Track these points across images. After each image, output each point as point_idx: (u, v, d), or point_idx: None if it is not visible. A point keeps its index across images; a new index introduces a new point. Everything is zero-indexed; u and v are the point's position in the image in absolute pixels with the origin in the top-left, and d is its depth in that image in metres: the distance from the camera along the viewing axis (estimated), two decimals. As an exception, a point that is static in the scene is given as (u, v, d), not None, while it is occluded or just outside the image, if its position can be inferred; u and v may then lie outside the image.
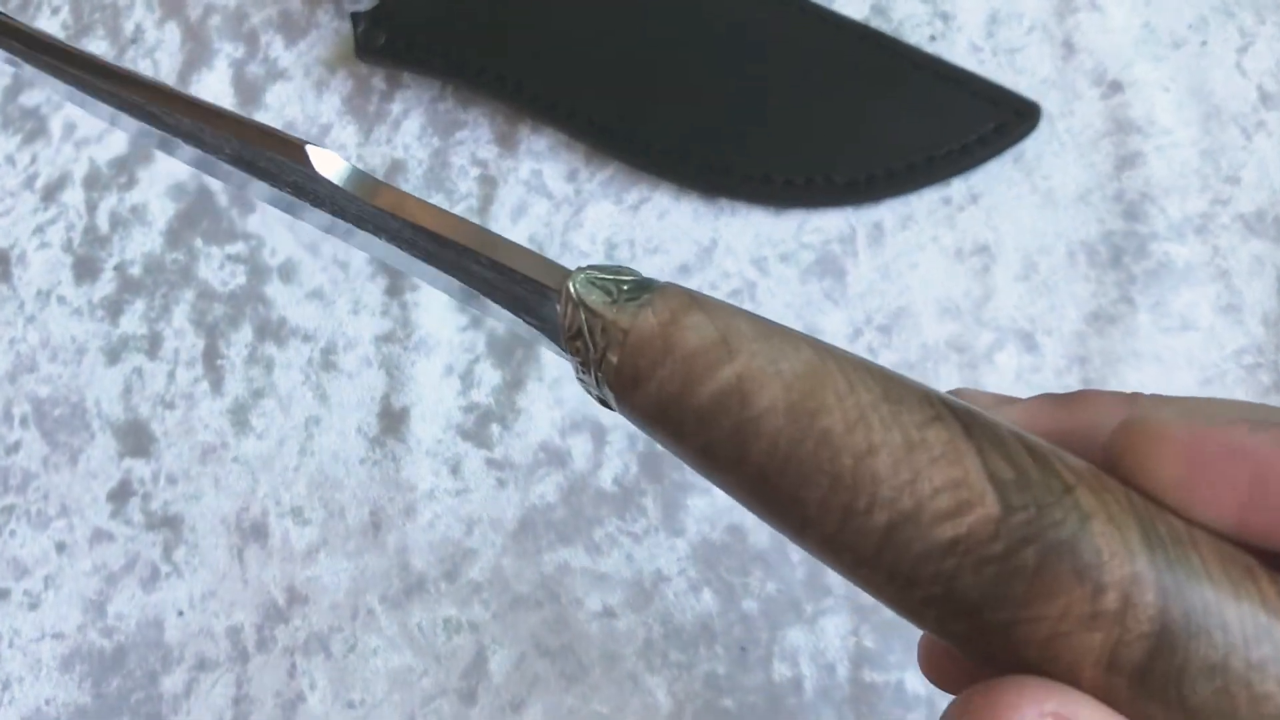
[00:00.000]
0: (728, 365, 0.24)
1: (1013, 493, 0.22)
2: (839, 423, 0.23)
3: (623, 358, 0.25)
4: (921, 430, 0.23)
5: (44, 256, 0.53)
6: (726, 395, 0.24)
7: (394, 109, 0.52)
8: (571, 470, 0.47)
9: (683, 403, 0.25)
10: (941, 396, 0.24)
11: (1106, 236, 0.46)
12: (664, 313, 0.25)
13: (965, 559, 0.22)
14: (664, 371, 0.25)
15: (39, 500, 0.50)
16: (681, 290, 0.26)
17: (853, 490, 0.23)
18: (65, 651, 0.49)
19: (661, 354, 0.25)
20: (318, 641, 0.47)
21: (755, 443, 0.24)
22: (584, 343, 0.26)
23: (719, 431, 0.24)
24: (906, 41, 0.48)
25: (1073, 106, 0.47)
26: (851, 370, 0.24)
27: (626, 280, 0.27)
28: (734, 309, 0.25)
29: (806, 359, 0.24)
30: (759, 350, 0.24)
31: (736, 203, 0.48)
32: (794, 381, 0.24)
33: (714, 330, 0.25)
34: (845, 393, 0.23)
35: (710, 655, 0.44)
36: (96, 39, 0.55)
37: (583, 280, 0.27)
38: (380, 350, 0.49)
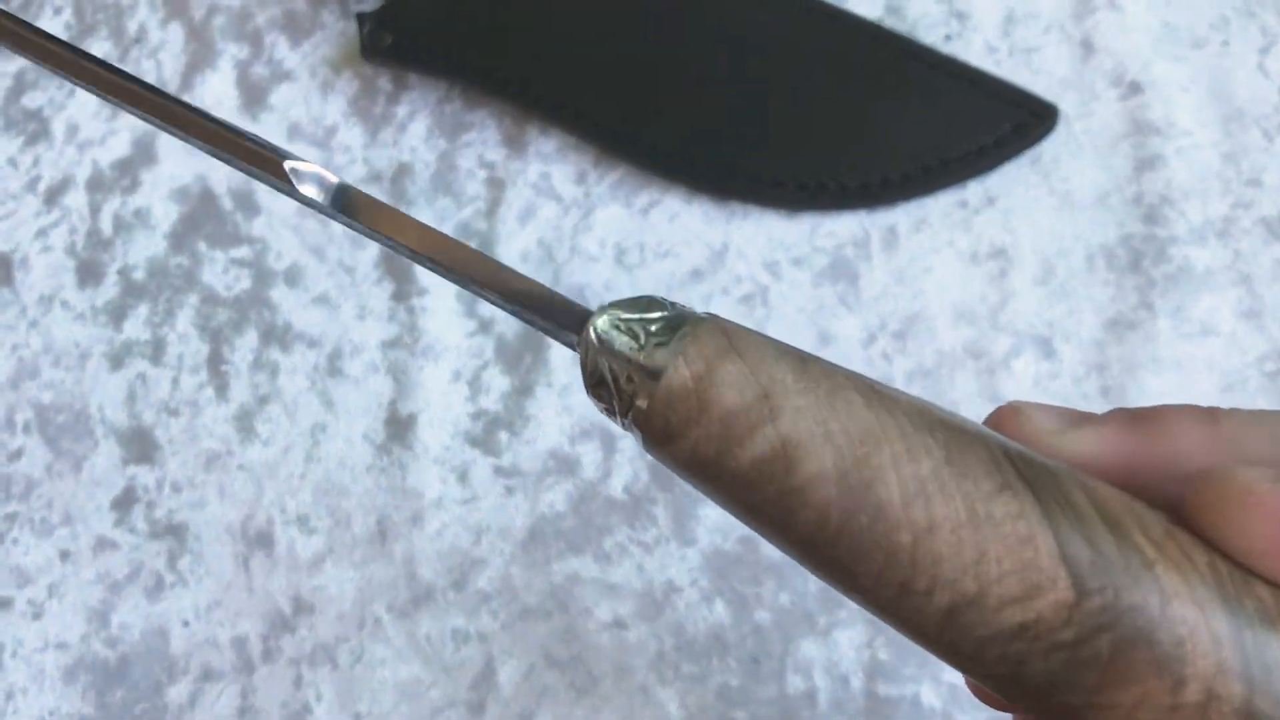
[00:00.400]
0: (770, 425, 0.22)
1: (1088, 575, 0.20)
2: (896, 495, 0.21)
3: (652, 411, 0.23)
4: (988, 503, 0.21)
5: (46, 260, 0.52)
6: (769, 461, 0.22)
7: (400, 111, 0.51)
8: (581, 478, 0.46)
9: (720, 465, 0.23)
10: (1010, 453, 0.22)
11: (1125, 240, 0.45)
12: (698, 362, 0.23)
13: (1034, 645, 0.20)
14: (699, 431, 0.22)
15: (42, 508, 0.50)
16: (717, 330, 0.23)
17: (911, 569, 0.21)
18: (69, 662, 0.48)
19: (696, 412, 0.23)
20: (324, 652, 0.46)
21: (802, 512, 0.22)
22: (609, 390, 0.24)
23: (761, 496, 0.22)
24: (921, 42, 0.47)
25: (1091, 107, 0.46)
26: (910, 428, 0.22)
27: (654, 320, 0.24)
28: (775, 349, 0.23)
29: (859, 418, 0.22)
30: (805, 407, 0.22)
31: (748, 206, 0.48)
32: (845, 446, 0.22)
33: (754, 384, 0.22)
34: (903, 459, 0.21)
35: (723, 667, 0.43)
36: (99, 39, 0.54)
37: (605, 323, 0.24)
38: (387, 356, 0.48)
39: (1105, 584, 0.20)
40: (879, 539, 0.21)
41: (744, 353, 0.23)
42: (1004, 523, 0.20)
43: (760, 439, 0.22)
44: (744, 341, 0.23)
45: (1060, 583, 0.20)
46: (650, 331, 0.24)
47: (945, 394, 0.44)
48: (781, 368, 0.23)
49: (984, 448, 0.22)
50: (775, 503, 0.22)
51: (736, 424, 0.22)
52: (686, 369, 0.23)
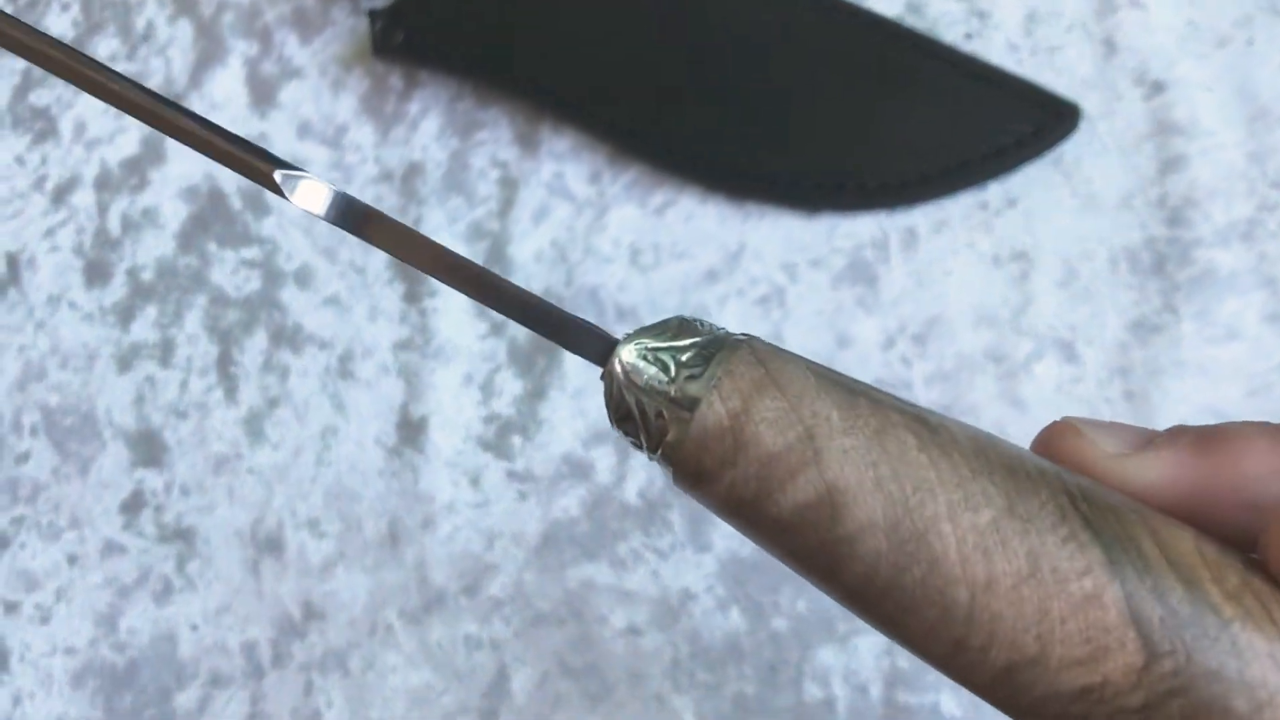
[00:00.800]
0: (813, 469, 0.20)
1: (1158, 635, 0.19)
2: (952, 548, 0.19)
3: (684, 450, 0.21)
4: (1053, 556, 0.19)
5: (54, 260, 0.52)
6: (812, 508, 0.20)
7: (412, 109, 0.50)
8: (595, 483, 0.45)
9: (758, 509, 0.21)
10: (1075, 495, 0.20)
11: (1149, 242, 0.44)
12: (733, 398, 0.21)
13: (1098, 708, 0.19)
14: (735, 473, 0.21)
15: (50, 511, 0.49)
16: (753, 360, 0.22)
17: (966, 626, 0.19)
18: (77, 667, 0.48)
19: (732, 452, 0.21)
20: (335, 658, 0.45)
21: (849, 564, 0.20)
22: (636, 425, 0.22)
23: (804, 544, 0.21)
24: (942, 40, 0.47)
25: (1114, 107, 0.46)
26: (968, 472, 0.20)
27: (685, 348, 0.22)
28: (818, 381, 0.21)
29: (912, 461, 0.20)
30: (852, 449, 0.20)
31: (765, 206, 0.47)
32: (896, 493, 0.20)
33: (795, 423, 0.21)
34: (960, 508, 0.20)
35: (739, 675, 0.43)
36: (107, 36, 0.54)
37: (632, 353, 0.22)
38: (398, 358, 0.48)
39: (1177, 645, 0.19)
40: (932, 594, 0.20)
41: (784, 386, 0.21)
42: (1069, 578, 0.19)
43: (803, 484, 0.20)
44: (784, 373, 0.21)
45: (1129, 644, 0.19)
46: (681, 361, 0.22)
47: (965, 398, 0.44)
48: (825, 403, 0.21)
49: (1048, 492, 0.20)
50: (820, 552, 0.21)
51: (776, 467, 0.21)
52: (721, 405, 0.21)
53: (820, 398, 0.21)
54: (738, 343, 0.22)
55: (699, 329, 0.23)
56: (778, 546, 0.21)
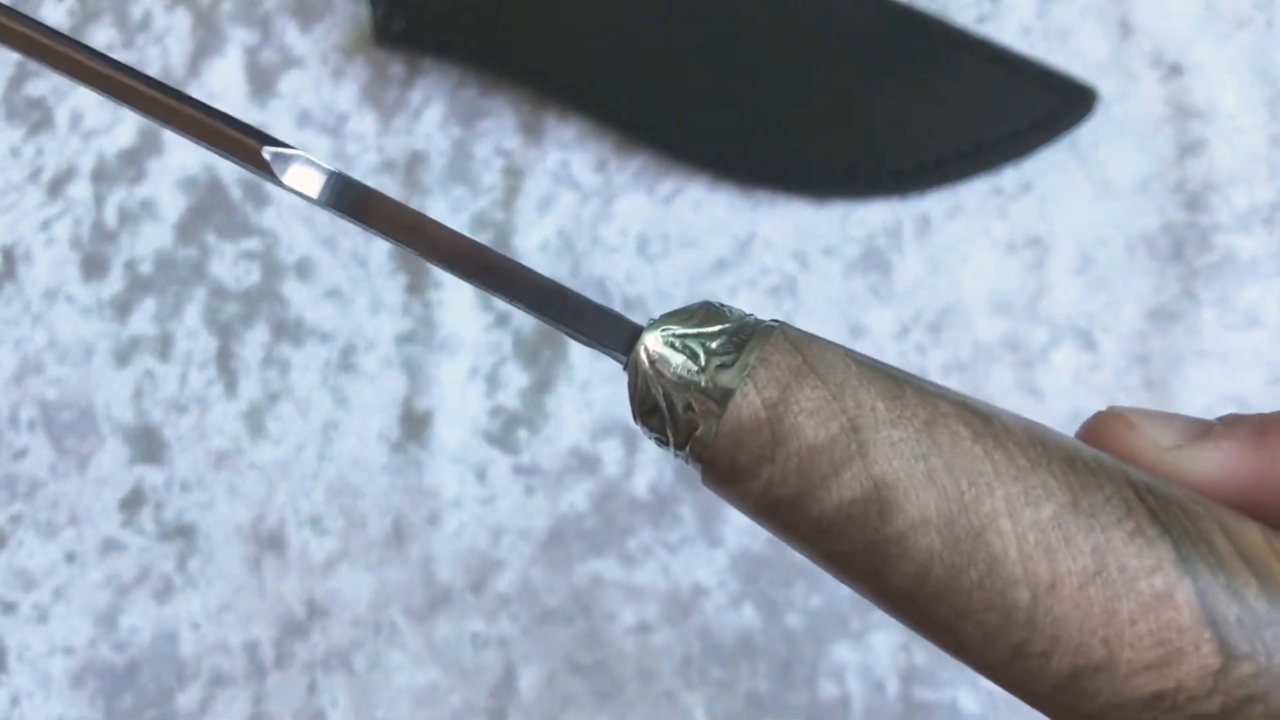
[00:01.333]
0: (859, 463, 0.19)
1: (1236, 635, 0.17)
2: (1012, 546, 0.18)
3: (717, 445, 0.20)
4: (1120, 553, 0.18)
5: (50, 253, 0.51)
6: (859, 505, 0.19)
7: (414, 97, 0.49)
8: (603, 477, 0.45)
9: (798, 508, 0.19)
10: (1140, 488, 0.19)
11: (1167, 228, 0.43)
12: (770, 388, 0.19)
13: (1169, 716, 0.18)
14: (773, 469, 0.19)
15: (47, 508, 0.48)
16: (789, 346, 0.20)
17: (1027, 630, 0.18)
18: (76, 667, 0.47)
19: (769, 447, 0.19)
20: (339, 657, 0.45)
21: (898, 564, 0.19)
22: (662, 418, 0.21)
23: (848, 545, 0.19)
24: (954, 22, 0.46)
25: (1130, 90, 0.45)
26: (1026, 463, 0.19)
27: (715, 334, 0.21)
28: (860, 368, 0.20)
29: (966, 453, 0.19)
30: (901, 441, 0.19)
31: (775, 194, 0.46)
32: (950, 487, 0.18)
33: (838, 413, 0.19)
34: (1020, 502, 0.18)
35: (752, 672, 0.42)
36: (104, 25, 0.53)
37: (658, 340, 0.21)
38: (401, 351, 0.47)
39: (1256, 645, 0.17)
40: (991, 597, 0.18)
41: (824, 374, 0.20)
42: (1138, 577, 0.18)
43: (848, 480, 0.19)
44: (823, 359, 0.20)
45: (1204, 646, 0.18)
46: (711, 349, 0.20)
47: (981, 388, 0.43)
48: (869, 392, 0.19)
49: (1111, 484, 0.19)
50: (865, 553, 0.19)
51: (818, 462, 0.19)
52: (757, 396, 0.20)
53: (864, 386, 0.20)
54: (770, 328, 0.21)
55: (726, 314, 0.21)
56: (817, 548, 0.20)
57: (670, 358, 0.21)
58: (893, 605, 0.20)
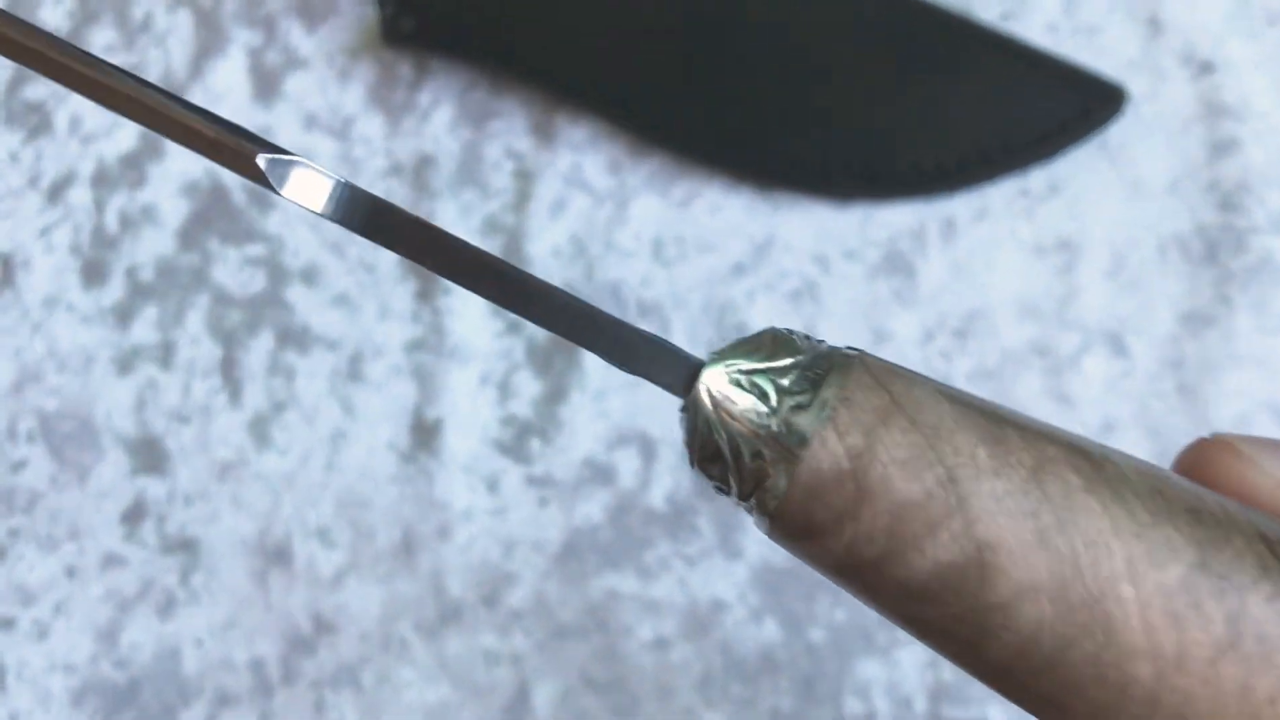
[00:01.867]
0: (958, 520, 0.17)
1: None
2: (1134, 613, 0.16)
3: (790, 499, 0.18)
4: (1257, 620, 0.16)
5: (50, 260, 0.50)
6: (957, 570, 0.17)
7: (423, 99, 0.48)
8: (618, 487, 0.43)
9: (886, 571, 0.17)
10: (1272, 538, 0.16)
11: (1200, 230, 0.42)
12: (853, 433, 0.17)
13: None
14: (857, 528, 0.17)
15: (47, 522, 0.47)
16: (873, 383, 0.18)
17: (1149, 707, 0.16)
18: (76, 684, 0.45)
19: (853, 502, 0.17)
20: (347, 673, 0.43)
21: (1001, 635, 0.17)
22: (726, 467, 0.18)
23: (943, 611, 0.17)
24: (978, 20, 0.44)
25: (1160, 89, 0.43)
26: (1148, 516, 0.16)
27: (786, 368, 0.18)
28: (954, 407, 0.18)
29: (1080, 506, 0.16)
30: (1006, 494, 0.17)
31: (794, 196, 0.45)
32: (1064, 547, 0.16)
33: (934, 463, 0.17)
34: (1142, 562, 0.16)
35: (774, 689, 0.40)
36: (104, 27, 0.52)
37: (721, 378, 0.18)
38: (411, 358, 0.46)
39: None
40: (1107, 671, 0.16)
41: (915, 414, 0.17)
42: (1278, 648, 0.16)
43: (945, 540, 0.17)
44: (912, 396, 0.18)
45: None
46: (783, 387, 0.18)
47: (1010, 395, 0.41)
48: (968, 436, 0.17)
49: (1241, 537, 0.16)
50: (963, 621, 0.17)
51: (911, 519, 0.17)
52: (839, 443, 0.17)
53: (961, 429, 0.17)
54: (848, 359, 0.18)
55: (796, 344, 0.19)
56: (905, 614, 0.18)
57: (736, 398, 0.18)
58: (991, 677, 0.18)
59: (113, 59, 0.51)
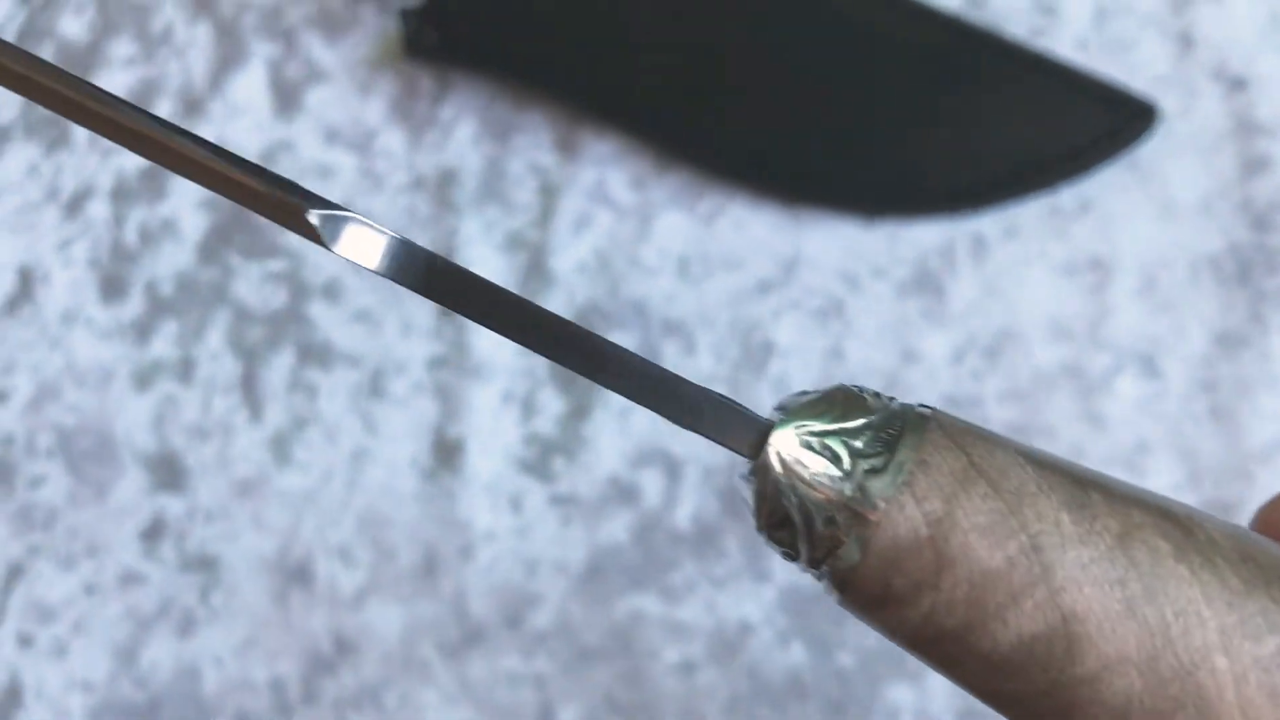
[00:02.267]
0: (1043, 590, 0.16)
1: None
2: (1229, 687, 0.15)
3: (865, 568, 0.17)
4: None
5: (68, 275, 0.49)
6: (1042, 641, 0.16)
7: (445, 113, 0.48)
8: (643, 507, 0.43)
9: (966, 643, 0.17)
10: None
11: (1233, 249, 0.41)
12: (932, 499, 0.17)
13: None
14: (937, 598, 0.17)
15: (66, 539, 0.47)
16: (950, 444, 0.17)
17: None
18: (95, 704, 0.45)
19: (932, 571, 0.16)
20: (369, 695, 0.43)
21: (1088, 708, 0.16)
22: (795, 532, 0.18)
23: (1027, 685, 0.16)
24: (1008, 36, 0.44)
25: (1192, 106, 0.43)
26: (1240, 585, 0.16)
27: (859, 429, 0.18)
28: (1036, 469, 0.17)
29: (1170, 574, 0.16)
30: (1092, 562, 0.16)
31: (821, 212, 0.44)
32: (1153, 618, 0.16)
33: (1016, 531, 0.16)
34: (1236, 635, 0.15)
35: (802, 714, 0.40)
36: (124, 39, 0.51)
37: (792, 440, 0.18)
38: (433, 376, 0.45)
39: None
40: None
41: (995, 479, 0.17)
42: None
43: (1030, 611, 0.16)
44: (992, 460, 0.17)
45: None
46: (856, 450, 0.17)
47: (1041, 417, 0.41)
48: (1051, 501, 0.16)
49: None
50: (1047, 695, 0.16)
51: (993, 589, 0.16)
52: (916, 508, 0.17)
53: (1043, 494, 0.17)
54: (922, 419, 0.18)
55: (868, 402, 0.18)
56: (987, 688, 0.17)
57: (808, 461, 0.18)
58: None
59: (132, 72, 0.50)
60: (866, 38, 0.44)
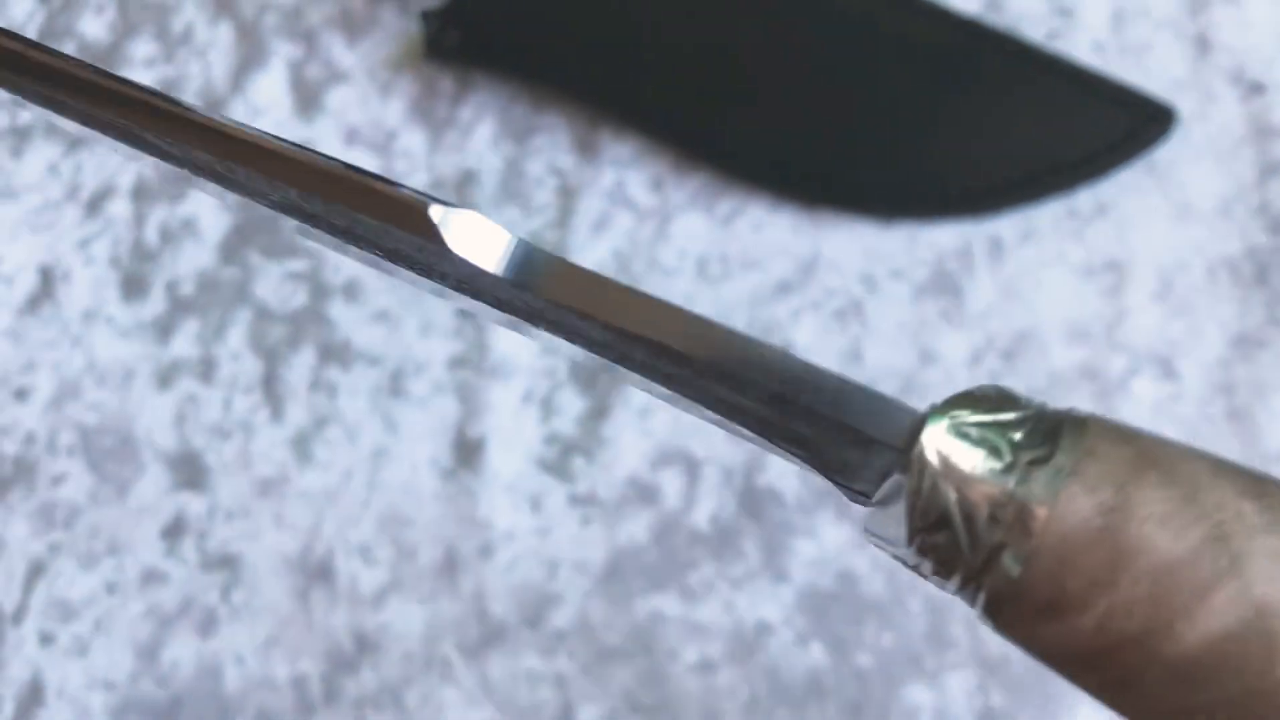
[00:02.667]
0: (1233, 581, 0.15)
1: None
2: None
3: (1034, 569, 0.16)
4: None
5: (89, 273, 0.50)
6: (1237, 640, 0.15)
7: (465, 114, 0.48)
8: (663, 508, 0.43)
9: (1149, 649, 0.15)
10: None
11: (1250, 252, 0.42)
12: (1104, 488, 0.15)
13: None
14: (1114, 598, 0.15)
15: (87, 537, 0.47)
16: (1115, 433, 0.16)
17: None
18: (116, 702, 0.45)
19: (1108, 567, 0.15)
20: (389, 694, 0.43)
21: None
22: (954, 535, 0.16)
23: (1219, 694, 0.15)
24: (1025, 39, 0.44)
25: (1209, 109, 0.43)
26: None
27: (1016, 421, 0.17)
28: (1207, 459, 0.16)
29: None
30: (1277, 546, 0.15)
31: (839, 214, 0.45)
32: None
33: (1200, 518, 0.15)
34: None
35: (821, 714, 0.40)
36: (145, 39, 0.52)
37: (946, 431, 0.17)
38: (453, 375, 0.45)
39: None
40: None
41: (1168, 467, 0.16)
42: None
43: (1220, 605, 0.15)
44: (1160, 449, 0.16)
45: None
46: (1015, 441, 0.16)
47: (1059, 418, 0.41)
48: (1229, 490, 0.15)
49: None
50: (1242, 704, 0.15)
51: (1178, 584, 0.15)
52: (1089, 498, 0.15)
53: (1220, 482, 0.16)
54: (1079, 415, 0.17)
55: (1020, 399, 0.18)
56: (1170, 705, 0.16)
57: (967, 453, 0.16)
58: None
59: (153, 72, 0.51)
60: (884, 40, 0.44)
